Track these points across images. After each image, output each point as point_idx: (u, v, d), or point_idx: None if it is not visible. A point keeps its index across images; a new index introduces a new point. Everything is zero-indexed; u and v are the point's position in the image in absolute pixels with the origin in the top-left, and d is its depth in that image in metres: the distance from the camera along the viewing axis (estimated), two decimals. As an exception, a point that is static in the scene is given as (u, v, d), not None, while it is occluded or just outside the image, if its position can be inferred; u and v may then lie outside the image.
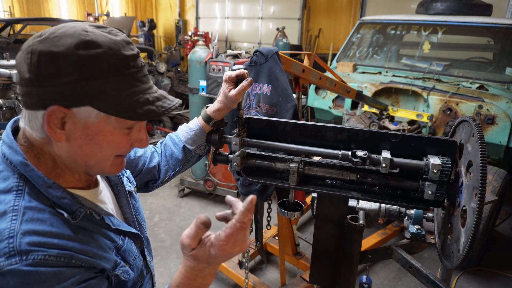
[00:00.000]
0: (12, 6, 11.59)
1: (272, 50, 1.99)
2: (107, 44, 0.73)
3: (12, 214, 0.69)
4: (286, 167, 1.17)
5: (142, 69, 0.80)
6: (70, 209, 0.77)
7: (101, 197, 0.93)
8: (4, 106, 4.30)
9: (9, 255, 0.65)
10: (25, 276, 0.65)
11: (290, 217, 1.32)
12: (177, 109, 0.82)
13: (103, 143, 0.78)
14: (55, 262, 0.68)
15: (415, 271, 1.42)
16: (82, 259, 0.73)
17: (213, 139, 1.23)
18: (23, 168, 0.76)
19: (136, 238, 0.97)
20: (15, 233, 0.67)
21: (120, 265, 0.85)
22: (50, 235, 0.70)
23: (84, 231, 0.78)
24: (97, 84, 0.72)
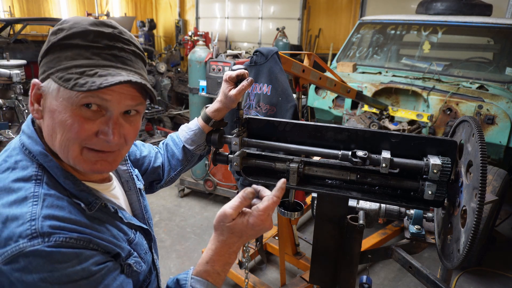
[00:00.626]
0: (12, 6, 11.59)
1: (272, 50, 1.99)
2: (77, 20, 0.78)
3: (33, 200, 0.72)
4: (286, 167, 1.17)
5: (112, 49, 0.77)
6: (87, 200, 0.79)
7: (114, 192, 0.94)
8: (4, 106, 4.30)
9: (32, 236, 0.67)
10: (48, 256, 0.67)
11: (290, 217, 1.32)
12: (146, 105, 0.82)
13: (58, 122, 0.75)
14: (75, 244, 0.70)
15: (415, 271, 1.42)
16: (99, 243, 0.75)
17: (213, 139, 1.22)
18: (42, 158, 0.78)
19: (146, 234, 0.99)
20: (37, 217, 0.69)
21: (133, 255, 0.86)
22: (69, 221, 0.73)
23: (99, 221, 0.80)
24: (56, 55, 0.76)
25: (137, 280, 0.89)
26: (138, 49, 0.84)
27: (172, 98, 7.41)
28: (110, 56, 0.77)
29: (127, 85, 0.77)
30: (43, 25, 11.00)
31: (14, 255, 0.66)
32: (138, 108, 0.83)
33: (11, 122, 4.54)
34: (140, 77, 0.79)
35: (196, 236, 3.57)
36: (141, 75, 0.82)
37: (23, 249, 0.66)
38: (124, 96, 0.78)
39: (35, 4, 12.12)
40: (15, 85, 4.33)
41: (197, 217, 3.95)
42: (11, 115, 4.56)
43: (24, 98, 4.54)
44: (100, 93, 0.74)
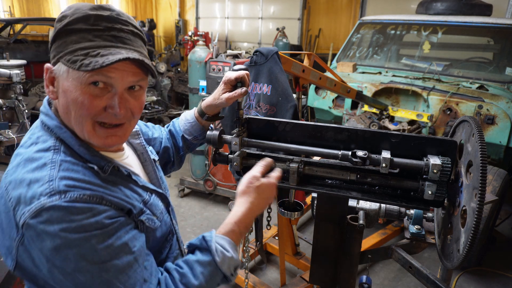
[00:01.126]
0: (12, 6, 11.58)
1: (272, 50, 1.99)
2: (78, 6, 0.86)
3: (51, 165, 0.82)
4: (286, 167, 1.17)
5: (111, 30, 0.85)
6: (100, 164, 0.88)
7: (127, 161, 1.03)
8: (4, 106, 4.30)
9: (50, 194, 0.77)
10: (65, 210, 0.77)
11: (290, 217, 1.32)
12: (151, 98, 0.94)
13: (70, 100, 0.84)
14: (89, 200, 0.80)
15: (415, 271, 1.42)
16: (111, 200, 0.84)
17: (213, 139, 1.23)
18: (58, 130, 0.88)
19: (162, 198, 1.05)
20: (54, 178, 0.80)
21: (146, 213, 0.93)
22: (83, 181, 0.82)
23: (112, 183, 0.89)
24: (63, 40, 0.84)
25: (154, 237, 0.96)
26: (136, 29, 0.90)
27: (172, 98, 7.41)
28: (110, 37, 0.84)
29: (128, 63, 0.85)
30: (43, 25, 10.99)
31: (37, 210, 0.76)
32: (140, 83, 0.91)
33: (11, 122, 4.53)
34: (139, 54, 0.86)
35: (196, 236, 3.57)
36: (140, 53, 0.88)
37: (44, 204, 0.76)
38: (126, 73, 0.85)
39: (35, 4, 12.11)
40: (15, 85, 4.32)
41: (197, 217, 3.95)
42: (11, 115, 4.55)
43: (24, 98, 4.53)
44: (104, 72, 0.82)
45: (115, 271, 0.80)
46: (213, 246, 0.91)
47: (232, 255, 0.93)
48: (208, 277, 0.88)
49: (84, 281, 0.78)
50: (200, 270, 0.88)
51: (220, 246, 0.92)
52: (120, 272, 0.80)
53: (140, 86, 0.91)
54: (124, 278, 0.80)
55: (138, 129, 1.14)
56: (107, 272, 0.79)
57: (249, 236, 2.41)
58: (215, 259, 0.90)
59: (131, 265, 0.82)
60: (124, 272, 0.80)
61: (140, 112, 0.95)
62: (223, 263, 0.90)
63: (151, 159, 1.14)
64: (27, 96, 5.47)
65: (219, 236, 0.95)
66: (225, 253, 0.92)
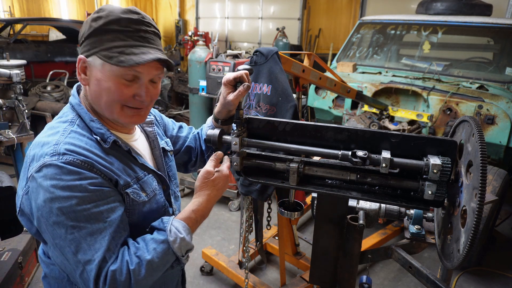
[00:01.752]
0: (12, 6, 11.58)
1: (272, 50, 1.99)
2: (111, 9, 1.01)
3: (62, 133, 1.00)
4: (286, 167, 1.17)
5: (139, 31, 1.02)
6: (103, 137, 1.04)
7: (136, 143, 1.18)
8: (4, 106, 4.30)
9: (52, 154, 0.94)
10: (59, 168, 0.92)
11: (290, 217, 1.32)
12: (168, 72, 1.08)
13: (103, 88, 1.01)
14: (80, 165, 0.94)
15: (415, 271, 1.42)
16: (101, 169, 0.98)
17: (213, 139, 1.23)
18: (77, 106, 1.07)
19: (160, 180, 1.19)
20: (59, 142, 0.97)
21: (133, 187, 1.06)
22: (83, 148, 0.98)
23: (111, 156, 1.04)
24: (99, 38, 0.99)
25: (139, 210, 1.08)
26: (156, 29, 1.08)
27: (172, 98, 7.41)
28: (139, 37, 1.02)
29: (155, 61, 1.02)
30: (43, 25, 11.00)
31: (40, 166, 0.93)
32: (160, 75, 1.09)
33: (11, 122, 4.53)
34: (161, 53, 1.05)
35: (196, 236, 3.57)
36: (161, 50, 1.07)
37: (45, 162, 0.93)
38: (151, 68, 1.04)
39: (35, 4, 12.11)
40: (15, 85, 4.32)
41: (197, 217, 3.95)
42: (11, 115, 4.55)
43: (24, 98, 4.53)
44: (134, 67, 1.00)
45: (86, 232, 0.92)
46: (168, 227, 1.01)
47: (185, 236, 1.01)
48: (160, 253, 0.97)
49: (59, 234, 0.91)
50: (153, 247, 0.97)
51: (175, 228, 1.01)
52: (89, 234, 0.92)
53: (159, 77, 1.10)
54: (91, 241, 0.92)
55: (153, 119, 1.30)
56: (79, 231, 0.91)
57: (249, 236, 2.41)
58: (168, 238, 0.98)
59: (101, 232, 0.93)
60: (93, 236, 0.92)
61: (156, 97, 1.13)
62: (174, 242, 0.99)
63: (161, 147, 1.28)
64: (27, 96, 5.46)
65: (176, 220, 1.04)
66: (178, 234, 1.00)
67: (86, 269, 0.91)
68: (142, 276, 0.93)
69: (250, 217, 2.34)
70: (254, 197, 2.13)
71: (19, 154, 3.55)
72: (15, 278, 2.63)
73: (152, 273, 0.95)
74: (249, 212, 2.33)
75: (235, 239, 3.51)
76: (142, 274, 0.93)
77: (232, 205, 4.09)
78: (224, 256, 2.96)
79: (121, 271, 0.91)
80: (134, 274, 0.92)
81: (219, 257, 2.94)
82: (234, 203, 4.09)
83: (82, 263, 0.91)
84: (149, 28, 1.04)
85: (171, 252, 0.99)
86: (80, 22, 7.98)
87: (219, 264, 2.87)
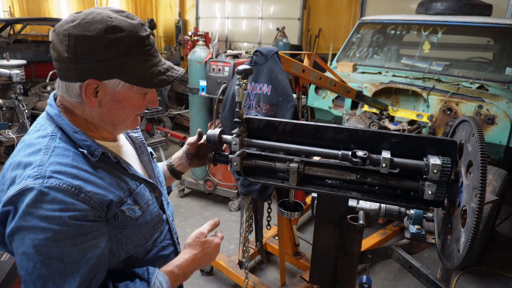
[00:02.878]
0: (12, 6, 11.58)
1: (272, 50, 1.99)
2: (128, 28, 0.92)
3: (44, 151, 0.90)
4: (286, 167, 1.17)
5: (153, 45, 0.99)
6: (90, 150, 0.96)
7: (122, 150, 1.12)
8: (4, 106, 4.30)
9: (36, 177, 0.85)
10: (41, 194, 0.84)
11: (290, 217, 1.32)
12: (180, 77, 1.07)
13: (127, 106, 0.98)
14: (66, 190, 0.86)
15: (415, 271, 1.42)
16: (90, 193, 0.89)
17: (213, 139, 1.23)
18: (57, 118, 0.97)
19: (152, 188, 1.13)
20: (44, 163, 0.88)
21: (127, 203, 0.99)
22: (70, 166, 0.90)
23: (100, 169, 0.96)
24: (122, 61, 0.92)
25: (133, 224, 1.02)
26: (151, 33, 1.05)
27: (172, 98, 7.41)
28: (155, 52, 1.00)
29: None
30: (43, 25, 10.99)
31: (22, 189, 0.85)
32: None
33: (11, 122, 4.53)
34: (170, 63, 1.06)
35: (196, 236, 3.57)
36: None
37: (27, 185, 0.84)
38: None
39: (35, 4, 12.11)
40: (15, 85, 4.32)
41: (197, 217, 3.95)
42: (11, 115, 4.55)
43: (24, 98, 4.53)
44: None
45: (56, 271, 0.83)
46: (152, 280, 0.98)
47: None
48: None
49: (26, 268, 0.83)
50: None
51: (158, 282, 0.99)
52: (59, 274, 0.83)
53: None
54: (60, 281, 0.83)
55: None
56: (48, 269, 0.83)
57: (249, 236, 2.41)
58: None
59: (73, 272, 0.84)
60: (63, 276, 0.84)
61: None
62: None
63: (148, 152, 1.25)
64: (27, 96, 5.46)
65: (160, 273, 1.02)
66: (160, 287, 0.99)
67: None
68: None
69: (250, 217, 2.34)
70: (254, 197, 2.13)
71: (19, 154, 3.54)
72: (15, 278, 2.63)
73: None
74: (249, 212, 2.33)
75: (235, 239, 3.51)
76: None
77: (232, 205, 4.09)
78: (224, 256, 2.96)
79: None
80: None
81: (219, 257, 2.94)
82: (234, 203, 4.09)
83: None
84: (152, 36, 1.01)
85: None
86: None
87: (219, 264, 2.87)
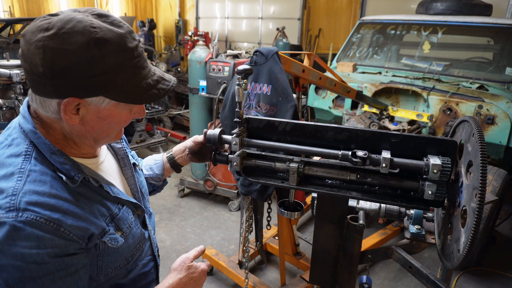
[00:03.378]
0: (12, 6, 11.58)
1: (272, 50, 1.99)
2: (115, 40, 0.81)
3: (18, 175, 0.80)
4: (286, 167, 1.17)
5: (142, 55, 0.89)
6: (70, 174, 0.86)
7: (103, 166, 1.03)
8: (4, 106, 4.30)
9: (9, 209, 0.75)
10: (15, 230, 0.74)
11: (290, 217, 1.32)
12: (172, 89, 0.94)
13: (112, 123, 0.90)
14: (44, 225, 0.77)
15: (415, 271, 1.42)
16: (69, 228, 0.80)
17: (213, 139, 1.23)
18: (32, 135, 0.86)
19: (135, 208, 1.07)
20: (18, 192, 0.78)
21: (109, 233, 0.92)
22: (48, 195, 0.80)
23: (81, 196, 0.87)
24: (107, 78, 0.81)
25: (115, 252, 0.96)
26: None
27: (172, 98, 7.41)
28: (144, 62, 0.89)
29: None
30: (43, 25, 10.96)
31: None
32: None
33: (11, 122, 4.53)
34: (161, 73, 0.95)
35: (196, 236, 3.57)
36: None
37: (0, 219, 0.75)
38: None
39: (35, 4, 12.11)
40: (15, 85, 4.32)
41: (197, 217, 3.95)
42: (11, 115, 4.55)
43: (24, 98, 4.52)
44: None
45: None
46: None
47: None
48: None
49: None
50: None
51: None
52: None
53: None
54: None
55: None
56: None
57: (249, 236, 2.41)
58: None
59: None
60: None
61: None
62: None
63: (131, 163, 1.16)
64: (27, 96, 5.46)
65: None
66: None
67: None
68: None
69: (250, 217, 2.34)
70: (254, 197, 2.13)
71: (19, 154, 3.54)
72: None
73: None
74: (249, 212, 2.33)
75: (235, 239, 3.51)
76: None
77: (232, 205, 4.09)
78: (224, 256, 2.96)
79: None
80: None
81: (219, 257, 2.94)
82: (234, 203, 4.09)
83: None
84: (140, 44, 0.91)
85: None
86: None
87: (219, 264, 2.87)
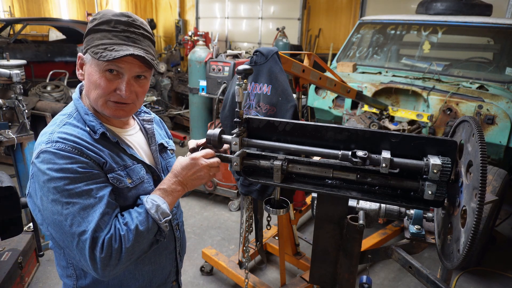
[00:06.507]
0: (12, 6, 11.58)
1: (272, 50, 1.99)
2: (105, 12, 1.13)
3: (57, 124, 1.14)
4: (270, 164, 1.17)
5: (126, 32, 1.11)
6: (93, 128, 1.15)
7: (131, 137, 1.29)
8: (4, 106, 4.30)
9: (47, 142, 1.08)
10: (53, 154, 1.05)
11: (276, 214, 1.33)
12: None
13: (92, 82, 1.13)
14: (71, 150, 1.07)
15: (415, 271, 1.42)
16: (90, 154, 1.10)
17: (212, 139, 1.23)
18: (76, 101, 1.21)
19: (150, 171, 1.27)
20: (54, 132, 1.10)
21: (116, 172, 1.15)
22: (75, 136, 1.10)
23: (101, 145, 1.14)
24: (91, 37, 1.12)
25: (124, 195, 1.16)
26: (146, 32, 1.18)
27: (172, 98, 7.41)
28: (125, 37, 1.11)
29: (134, 58, 1.11)
30: (43, 25, 10.99)
31: (38, 152, 1.07)
32: (145, 74, 1.18)
33: (11, 122, 4.53)
34: (144, 52, 1.12)
35: (196, 236, 3.57)
36: (146, 51, 1.14)
37: (42, 149, 1.07)
38: (133, 65, 1.13)
39: (35, 4, 12.11)
40: (15, 85, 4.31)
41: (197, 217, 3.95)
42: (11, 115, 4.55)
43: (24, 98, 4.52)
44: (116, 63, 1.10)
45: (79, 207, 1.03)
46: (144, 199, 1.14)
47: (159, 204, 1.12)
48: (141, 221, 1.08)
49: (57, 210, 1.03)
50: (135, 215, 1.09)
51: (150, 199, 1.14)
52: (82, 209, 1.03)
53: (144, 76, 1.18)
54: (84, 215, 1.03)
55: (153, 118, 1.42)
56: (73, 206, 1.03)
57: (249, 236, 2.41)
58: (145, 206, 1.11)
59: (92, 206, 1.04)
60: (85, 210, 1.04)
61: (143, 95, 1.22)
62: (151, 208, 1.11)
63: (158, 143, 1.38)
64: (27, 96, 5.46)
65: (151, 195, 1.17)
66: (153, 202, 1.12)
67: (81, 239, 1.01)
68: (131, 242, 1.04)
69: (250, 217, 2.34)
70: (254, 197, 2.13)
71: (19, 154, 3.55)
72: (15, 278, 2.63)
73: (139, 240, 1.06)
74: (249, 212, 2.33)
75: (235, 239, 3.51)
76: (130, 241, 1.04)
77: (232, 205, 4.09)
78: (224, 256, 2.96)
79: (115, 238, 1.03)
80: (124, 240, 1.03)
81: (219, 257, 2.94)
82: (234, 203, 4.09)
83: (77, 234, 1.02)
84: (138, 30, 1.14)
85: (151, 218, 1.10)
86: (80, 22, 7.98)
87: (219, 264, 2.87)
